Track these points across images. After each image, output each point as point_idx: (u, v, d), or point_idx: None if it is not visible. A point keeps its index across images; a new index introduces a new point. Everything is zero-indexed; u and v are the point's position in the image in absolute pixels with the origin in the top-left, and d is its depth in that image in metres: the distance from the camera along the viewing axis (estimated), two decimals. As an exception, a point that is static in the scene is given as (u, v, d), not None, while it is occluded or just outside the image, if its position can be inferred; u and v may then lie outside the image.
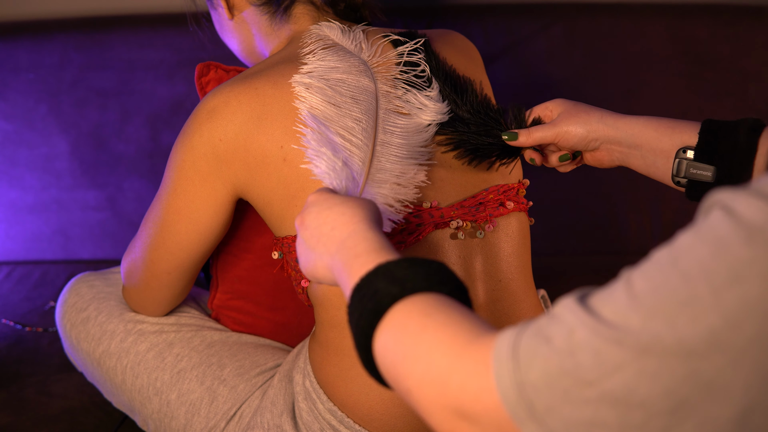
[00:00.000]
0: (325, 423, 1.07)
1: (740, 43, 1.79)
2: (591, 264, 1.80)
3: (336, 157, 0.96)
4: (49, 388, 1.43)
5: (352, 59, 1.08)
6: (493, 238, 1.07)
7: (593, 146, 1.02)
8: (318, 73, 1.05)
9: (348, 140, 1.00)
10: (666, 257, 0.58)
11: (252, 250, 1.27)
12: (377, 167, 1.00)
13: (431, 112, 1.06)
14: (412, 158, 1.03)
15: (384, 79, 1.08)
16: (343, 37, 1.12)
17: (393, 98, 1.07)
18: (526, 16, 1.81)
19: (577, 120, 1.01)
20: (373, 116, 1.03)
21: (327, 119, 1.01)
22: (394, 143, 1.02)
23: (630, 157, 1.00)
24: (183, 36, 1.79)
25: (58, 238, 1.87)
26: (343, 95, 1.04)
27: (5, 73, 1.81)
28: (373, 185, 0.98)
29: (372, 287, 0.71)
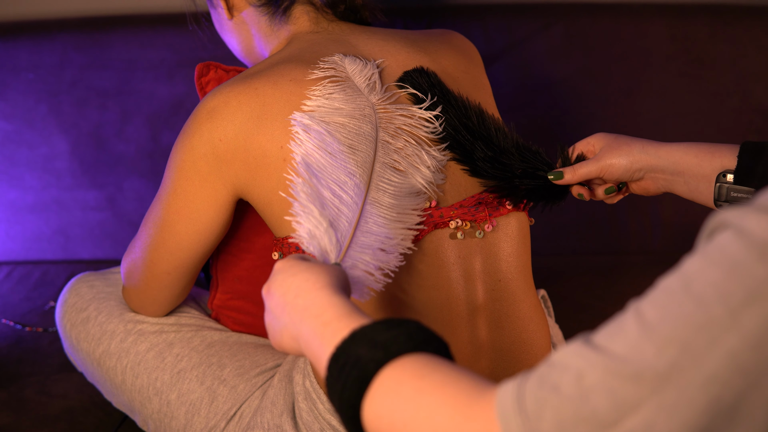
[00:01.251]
0: (326, 423, 1.07)
1: (740, 43, 1.79)
2: (591, 264, 1.80)
3: (322, 216, 0.91)
4: (49, 388, 1.43)
5: (359, 100, 1.05)
6: (493, 237, 1.07)
7: (638, 176, 1.02)
8: (320, 114, 1.02)
9: (338, 196, 0.96)
10: (676, 284, 0.57)
11: (252, 250, 1.27)
12: (363, 229, 0.95)
13: (426, 177, 1.03)
14: (401, 221, 0.99)
15: (387, 125, 1.04)
16: (358, 72, 1.07)
17: (392, 151, 1.03)
18: (526, 16, 1.81)
19: (619, 152, 1.02)
20: (368, 170, 1.00)
21: (320, 169, 0.97)
22: (385, 203, 0.99)
23: (674, 184, 1.01)
24: (183, 36, 1.79)
25: (58, 238, 1.87)
26: (342, 143, 1.00)
27: (5, 73, 1.81)
28: (356, 249, 0.93)
29: (353, 355, 0.68)
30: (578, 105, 1.81)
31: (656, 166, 1.01)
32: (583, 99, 1.81)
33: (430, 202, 1.04)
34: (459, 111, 1.06)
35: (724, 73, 1.80)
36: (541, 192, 1.06)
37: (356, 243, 0.93)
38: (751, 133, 1.81)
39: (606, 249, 1.86)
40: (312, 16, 1.19)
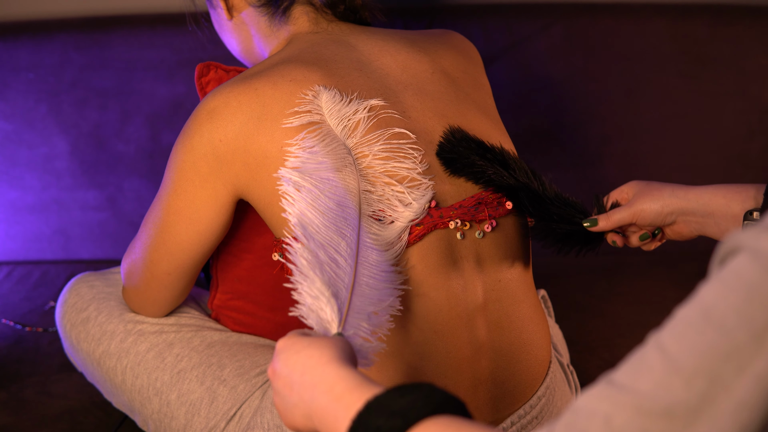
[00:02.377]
0: (325, 423, 1.07)
1: (740, 43, 1.79)
2: (591, 264, 1.80)
3: (324, 285, 0.89)
4: (49, 388, 1.43)
5: (339, 149, 1.02)
6: (493, 237, 1.07)
7: (670, 220, 1.03)
8: (307, 170, 0.99)
9: (334, 260, 0.92)
10: (695, 313, 0.56)
11: (252, 251, 1.27)
12: (357, 293, 0.92)
13: (407, 218, 1.01)
14: (388, 281, 0.97)
15: (366, 172, 1.02)
16: (335, 113, 1.04)
17: (374, 200, 1.01)
18: (526, 16, 1.81)
19: (650, 197, 1.03)
20: (356, 228, 0.98)
21: (315, 230, 0.94)
22: (372, 260, 0.96)
23: (706, 227, 1.02)
24: (183, 36, 1.79)
25: (58, 238, 1.87)
26: (330, 199, 0.97)
27: (5, 73, 1.81)
28: (354, 315, 0.90)
29: (371, 427, 0.67)
30: (578, 105, 1.81)
31: (687, 208, 1.02)
32: (583, 99, 1.81)
33: (430, 203, 1.04)
34: (500, 163, 1.07)
35: (724, 73, 1.80)
36: (576, 238, 1.07)
37: (353, 309, 0.90)
38: (751, 133, 1.81)
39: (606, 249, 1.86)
40: (311, 16, 1.19)
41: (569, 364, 1.31)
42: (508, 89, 1.80)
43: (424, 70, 1.14)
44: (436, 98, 1.11)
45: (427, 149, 1.07)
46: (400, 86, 1.11)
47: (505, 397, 1.09)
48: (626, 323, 1.56)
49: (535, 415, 1.11)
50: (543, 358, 1.12)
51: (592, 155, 1.83)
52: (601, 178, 1.83)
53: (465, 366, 1.05)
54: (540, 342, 1.12)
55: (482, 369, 1.06)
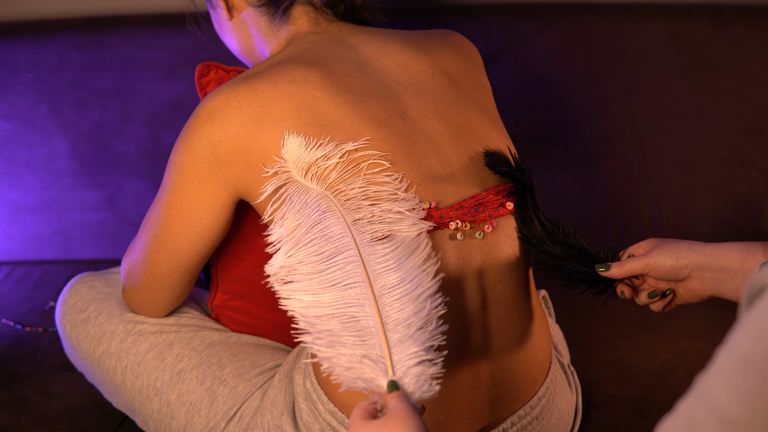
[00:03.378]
0: (326, 424, 1.07)
1: (740, 43, 1.79)
2: (591, 264, 1.80)
3: (353, 347, 0.86)
4: (49, 388, 1.43)
5: (312, 200, 0.99)
6: (493, 238, 1.07)
7: (683, 274, 1.02)
8: (287, 251, 0.95)
9: (351, 316, 0.90)
10: (735, 361, 0.55)
11: (252, 251, 1.27)
12: (390, 327, 0.89)
13: (411, 220, 0.99)
14: (420, 285, 0.92)
15: (348, 204, 0.99)
16: (301, 162, 1.02)
17: (366, 225, 0.98)
18: (526, 16, 1.81)
19: (666, 249, 1.03)
20: (360, 264, 0.94)
21: (322, 305, 0.91)
22: (392, 281, 0.92)
23: (721, 283, 1.01)
24: (183, 36, 1.79)
25: (58, 238, 1.87)
26: (321, 258, 0.94)
27: (5, 73, 1.81)
28: (398, 351, 0.87)
29: None
30: (578, 105, 1.81)
31: (702, 263, 1.01)
32: (583, 99, 1.81)
33: (431, 203, 1.04)
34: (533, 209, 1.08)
35: (724, 73, 1.80)
36: (584, 278, 1.06)
37: (394, 345, 0.88)
38: (751, 133, 1.81)
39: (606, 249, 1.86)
40: (312, 16, 1.19)
41: (570, 365, 1.31)
42: (508, 89, 1.80)
43: (425, 70, 1.14)
44: (437, 98, 1.11)
45: (427, 150, 1.07)
46: (400, 86, 1.11)
47: (505, 398, 1.09)
48: (626, 323, 1.56)
49: (535, 415, 1.11)
50: (543, 359, 1.12)
51: (592, 155, 1.83)
52: (601, 178, 1.83)
53: (465, 366, 1.05)
54: (540, 342, 1.12)
55: (482, 370, 1.06)
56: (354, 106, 1.05)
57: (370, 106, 1.06)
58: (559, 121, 1.82)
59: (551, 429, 1.14)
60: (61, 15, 1.89)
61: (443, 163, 1.07)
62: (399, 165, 1.04)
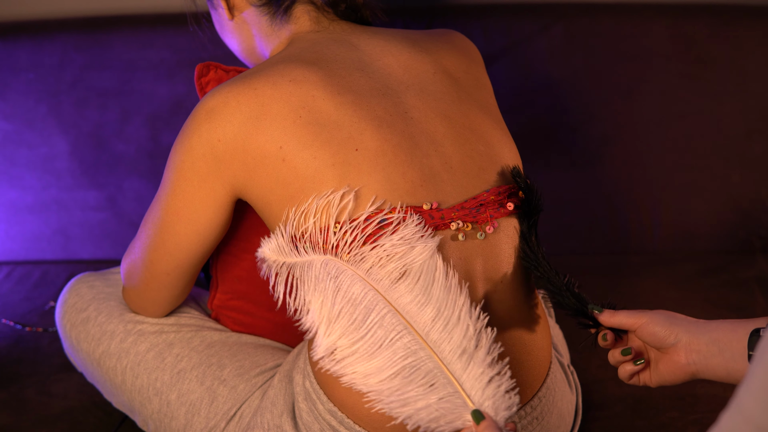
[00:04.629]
0: (325, 424, 1.07)
1: (740, 43, 1.79)
2: (591, 264, 1.80)
3: (426, 399, 0.88)
4: (49, 388, 1.43)
5: (320, 271, 0.98)
6: (494, 239, 1.07)
7: (670, 342, 0.98)
8: (326, 330, 0.95)
9: (410, 367, 0.91)
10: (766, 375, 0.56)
11: (252, 251, 1.27)
12: (449, 360, 0.91)
13: (419, 246, 0.98)
14: (456, 310, 0.94)
15: (349, 256, 0.99)
16: (284, 246, 1.01)
17: (378, 270, 0.97)
18: (526, 16, 1.81)
19: (661, 313, 1.00)
20: (395, 314, 0.95)
21: (379, 369, 0.92)
22: (430, 315, 0.93)
23: (710, 357, 0.97)
24: (183, 36, 1.79)
25: (58, 238, 1.87)
26: (357, 325, 0.94)
27: (5, 73, 1.81)
28: (467, 380, 0.89)
29: None
30: (578, 105, 1.82)
31: (693, 330, 0.98)
32: (583, 99, 1.81)
33: (432, 204, 1.04)
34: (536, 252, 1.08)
35: (724, 73, 1.80)
36: (573, 309, 1.05)
37: (460, 376, 0.90)
38: (751, 133, 1.81)
39: (606, 249, 1.86)
40: (313, 15, 1.19)
41: (570, 365, 1.31)
42: (508, 89, 1.80)
43: (426, 70, 1.14)
44: (439, 98, 1.11)
45: (429, 150, 1.07)
46: (402, 86, 1.10)
47: (505, 398, 1.08)
48: (626, 323, 1.55)
49: (536, 416, 1.11)
50: (544, 359, 1.12)
51: (592, 155, 1.83)
52: (601, 178, 1.84)
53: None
54: (541, 342, 1.12)
55: (483, 369, 1.06)
56: (355, 106, 1.05)
57: (371, 106, 1.06)
58: (559, 121, 1.82)
59: (551, 429, 1.14)
60: (61, 15, 1.89)
61: (445, 164, 1.07)
62: (400, 165, 1.04)
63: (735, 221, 1.84)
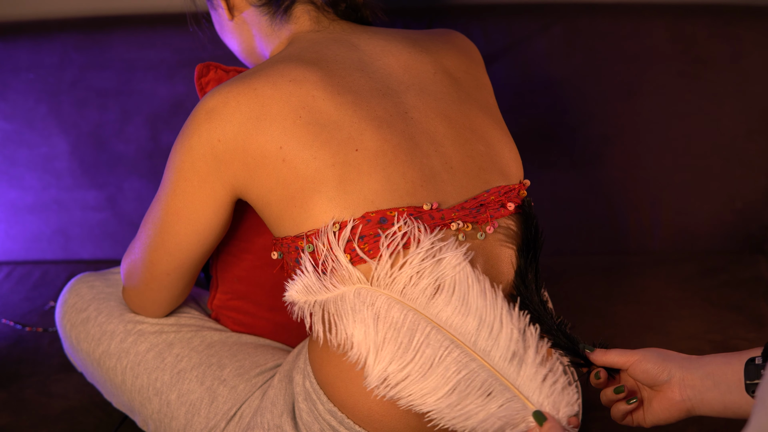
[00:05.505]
0: (326, 424, 1.07)
1: (740, 43, 1.79)
2: (591, 264, 1.80)
3: (486, 409, 0.90)
4: (49, 388, 1.43)
5: (356, 303, 0.99)
6: (494, 239, 1.07)
7: (663, 379, 0.97)
8: (375, 359, 0.96)
9: (466, 380, 0.93)
10: None
11: (252, 251, 1.27)
12: (500, 366, 0.93)
13: (447, 258, 0.99)
14: (496, 315, 0.96)
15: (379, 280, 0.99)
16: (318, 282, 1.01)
17: (411, 289, 0.98)
18: (526, 16, 1.81)
19: (653, 350, 0.99)
20: (440, 330, 0.96)
21: (435, 388, 0.94)
22: (473, 325, 0.95)
23: (704, 391, 0.96)
24: (183, 36, 1.78)
25: (58, 238, 1.87)
26: (404, 348, 0.95)
27: (5, 73, 1.81)
28: (522, 383, 0.91)
29: None
30: (578, 105, 1.82)
31: (687, 366, 0.97)
32: (583, 99, 1.81)
33: (432, 204, 1.04)
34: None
35: (724, 73, 1.80)
36: (569, 350, 1.04)
37: (515, 380, 0.92)
38: (751, 133, 1.81)
39: (606, 249, 1.86)
40: (313, 15, 1.19)
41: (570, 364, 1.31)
42: (508, 89, 1.80)
43: (427, 70, 1.14)
44: (439, 98, 1.11)
45: (429, 150, 1.07)
46: (402, 87, 1.10)
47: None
48: (626, 323, 1.56)
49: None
50: (543, 359, 1.12)
51: (592, 155, 1.83)
52: (601, 178, 1.84)
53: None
54: (540, 342, 1.12)
55: (483, 369, 1.06)
56: (355, 106, 1.05)
57: (371, 106, 1.06)
58: (559, 121, 1.82)
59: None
60: (61, 15, 1.89)
61: (445, 164, 1.07)
62: (400, 165, 1.04)
63: (735, 221, 1.84)
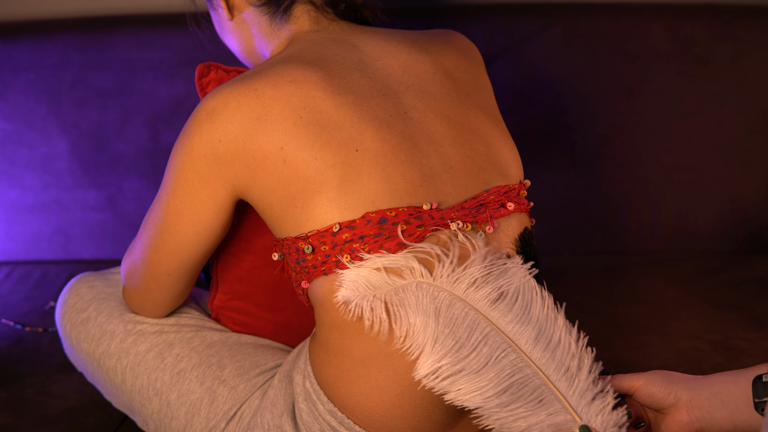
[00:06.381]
0: (326, 424, 1.07)
1: (740, 43, 1.79)
2: (591, 264, 1.80)
3: (536, 414, 0.91)
4: (49, 388, 1.43)
5: (420, 295, 0.99)
6: (494, 239, 1.07)
7: (669, 402, 0.97)
8: (432, 349, 0.97)
9: (519, 383, 0.94)
10: None
11: (252, 251, 1.27)
12: (554, 377, 0.94)
13: (515, 269, 1.01)
14: (556, 330, 0.98)
15: (443, 279, 1.00)
16: (374, 276, 1.01)
17: (473, 291, 0.99)
18: (526, 16, 1.81)
19: (658, 374, 0.99)
20: (498, 333, 0.96)
21: (486, 387, 0.94)
22: (531, 335, 0.97)
23: (713, 411, 0.96)
24: (183, 36, 1.79)
25: (58, 238, 1.87)
26: (460, 344, 0.96)
27: (5, 73, 1.82)
28: (573, 396, 0.92)
29: None
30: (578, 105, 1.82)
31: (693, 387, 0.97)
32: (583, 99, 1.81)
33: (432, 204, 1.04)
34: None
35: (724, 73, 1.80)
36: None
37: (566, 392, 0.93)
38: (751, 133, 1.81)
39: (606, 249, 1.86)
40: (312, 15, 1.19)
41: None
42: (508, 89, 1.80)
43: (426, 70, 1.14)
44: (438, 99, 1.11)
45: (429, 150, 1.07)
46: (402, 87, 1.10)
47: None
48: (626, 323, 1.56)
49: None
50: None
51: (592, 155, 1.83)
52: (601, 178, 1.84)
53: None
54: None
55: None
56: (355, 107, 1.05)
57: (371, 107, 1.06)
58: (559, 121, 1.83)
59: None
60: (61, 15, 1.89)
61: (444, 164, 1.07)
62: (400, 165, 1.04)
63: (735, 221, 1.84)
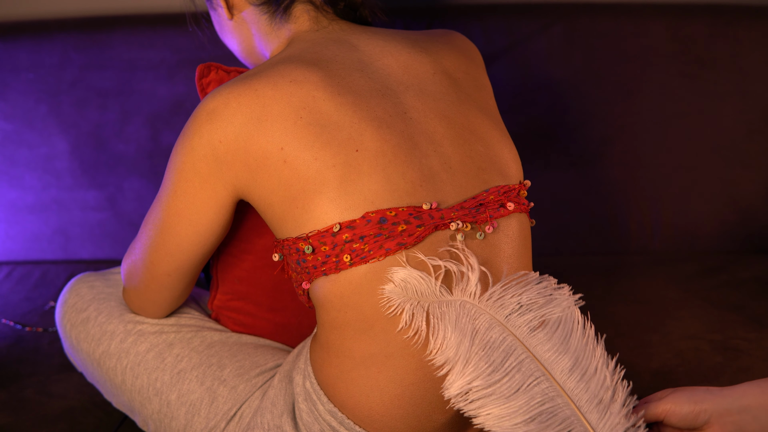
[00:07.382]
0: (326, 424, 1.07)
1: (740, 43, 1.79)
2: (591, 264, 1.80)
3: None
4: (49, 388, 1.43)
5: (461, 312, 1.00)
6: (494, 239, 1.07)
7: (702, 419, 0.97)
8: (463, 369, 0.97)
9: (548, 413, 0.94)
10: None
11: (252, 251, 1.27)
12: (586, 409, 0.94)
13: (558, 300, 1.00)
14: (593, 361, 0.97)
15: (489, 302, 1.01)
16: (424, 282, 1.01)
17: (516, 318, 0.99)
18: (526, 16, 1.81)
19: (683, 394, 0.99)
20: (534, 360, 0.97)
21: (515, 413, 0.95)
22: (567, 365, 0.97)
23: (744, 425, 0.96)
24: (183, 36, 1.79)
25: (58, 238, 1.87)
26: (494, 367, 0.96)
27: (5, 73, 1.82)
28: (604, 430, 0.93)
29: None
30: (578, 105, 1.82)
31: (721, 404, 0.97)
32: (583, 99, 1.81)
33: (431, 204, 1.04)
34: None
35: (724, 73, 1.80)
36: None
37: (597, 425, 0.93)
38: (751, 133, 1.81)
39: (606, 249, 1.86)
40: (312, 14, 1.19)
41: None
42: (508, 89, 1.80)
43: (426, 70, 1.14)
44: (438, 99, 1.11)
45: (428, 150, 1.07)
46: (402, 87, 1.10)
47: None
48: (626, 323, 1.56)
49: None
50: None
51: (592, 155, 1.83)
52: (601, 178, 1.84)
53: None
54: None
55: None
56: (355, 107, 1.05)
57: (370, 107, 1.06)
58: (559, 121, 1.83)
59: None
60: (61, 15, 1.89)
61: (444, 164, 1.07)
62: (400, 165, 1.04)
63: (735, 221, 1.84)
